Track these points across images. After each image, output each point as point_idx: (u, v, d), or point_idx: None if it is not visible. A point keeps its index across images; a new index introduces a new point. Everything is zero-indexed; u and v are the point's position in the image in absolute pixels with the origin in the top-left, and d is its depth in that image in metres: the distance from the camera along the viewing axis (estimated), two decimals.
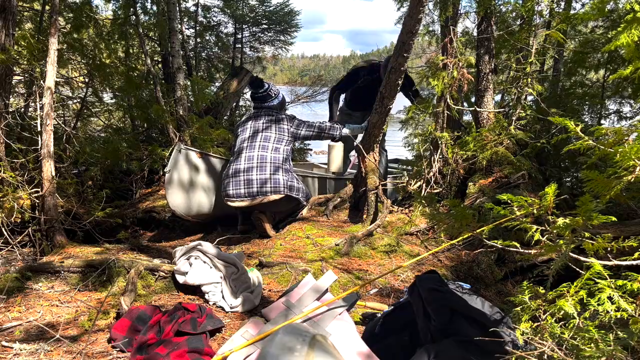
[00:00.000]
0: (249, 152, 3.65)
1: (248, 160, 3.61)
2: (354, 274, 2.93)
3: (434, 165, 4.09)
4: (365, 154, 4.06)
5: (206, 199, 3.95)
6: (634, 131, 1.50)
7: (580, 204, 1.32)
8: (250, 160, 3.61)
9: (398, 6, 5.85)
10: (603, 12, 2.91)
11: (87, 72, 5.70)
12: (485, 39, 4.50)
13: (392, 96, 3.79)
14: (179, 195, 3.80)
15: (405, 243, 3.49)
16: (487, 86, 4.60)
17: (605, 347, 1.17)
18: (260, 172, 3.56)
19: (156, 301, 2.47)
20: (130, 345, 1.97)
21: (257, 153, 3.63)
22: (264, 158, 3.61)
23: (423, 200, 3.39)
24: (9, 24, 3.76)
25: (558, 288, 1.32)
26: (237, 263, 2.65)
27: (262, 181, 3.54)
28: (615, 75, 1.56)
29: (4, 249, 3.45)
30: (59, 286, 2.55)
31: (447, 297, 1.84)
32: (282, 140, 3.75)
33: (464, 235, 1.81)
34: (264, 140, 3.70)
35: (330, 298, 2.18)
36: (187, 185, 3.83)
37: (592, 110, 5.24)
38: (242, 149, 3.70)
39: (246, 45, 9.90)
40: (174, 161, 3.75)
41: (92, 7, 5.87)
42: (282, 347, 1.51)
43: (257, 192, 3.53)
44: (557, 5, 5.15)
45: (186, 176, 3.82)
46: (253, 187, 3.53)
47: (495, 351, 1.50)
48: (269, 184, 3.55)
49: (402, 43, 3.45)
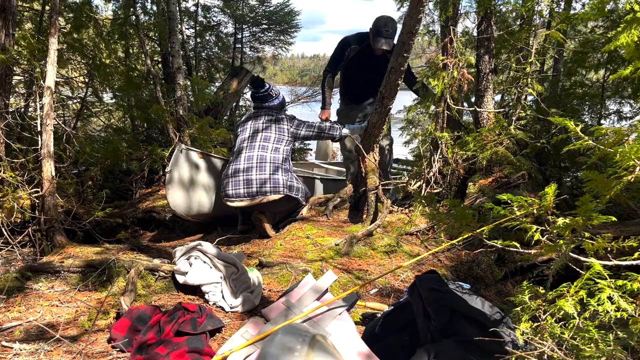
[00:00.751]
0: (249, 152, 3.65)
1: (247, 160, 3.61)
2: (354, 274, 2.93)
3: (434, 165, 4.09)
4: (365, 154, 4.06)
5: (207, 199, 3.95)
6: (634, 131, 1.50)
7: (580, 204, 1.32)
8: (250, 160, 3.61)
9: (398, 6, 5.86)
10: (603, 12, 2.91)
11: (87, 72, 5.70)
12: (485, 39, 4.50)
13: (392, 96, 3.79)
14: (179, 195, 3.80)
15: (405, 243, 3.49)
16: (487, 86, 4.60)
17: (605, 347, 1.17)
18: (260, 172, 3.56)
19: (156, 301, 2.47)
20: (130, 345, 1.97)
21: (257, 153, 3.63)
22: (263, 158, 3.61)
23: (423, 200, 3.38)
24: (9, 23, 3.76)
25: (558, 288, 1.32)
26: (237, 263, 2.65)
27: (261, 181, 3.54)
28: (615, 75, 1.56)
29: (4, 249, 3.45)
30: (59, 286, 2.55)
31: (447, 297, 1.84)
32: (282, 140, 3.74)
33: (464, 235, 1.81)
34: (263, 140, 3.70)
35: (330, 298, 2.18)
36: (188, 185, 3.83)
37: (592, 110, 5.25)
38: (242, 149, 3.70)
39: (246, 45, 9.90)
40: (175, 161, 3.75)
41: (92, 7, 5.87)
42: (282, 347, 1.51)
43: (257, 192, 3.53)
44: (557, 5, 5.15)
45: (187, 176, 3.82)
46: (252, 187, 3.53)
47: (495, 351, 1.50)
48: (268, 184, 3.54)
49: (402, 43, 3.45)
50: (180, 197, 3.81)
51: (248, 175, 3.56)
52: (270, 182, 3.55)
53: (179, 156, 3.77)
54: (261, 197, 3.54)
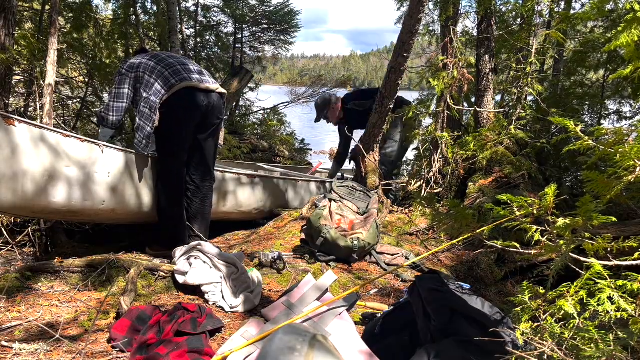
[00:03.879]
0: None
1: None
2: (354, 274, 2.93)
3: (434, 165, 4.09)
4: (365, 154, 4.06)
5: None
6: (634, 131, 1.50)
7: (581, 205, 1.32)
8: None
9: (398, 6, 5.86)
10: (603, 12, 2.92)
11: (87, 72, 5.70)
12: (485, 39, 4.50)
13: (392, 96, 3.80)
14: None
15: (405, 243, 3.49)
16: (487, 86, 4.60)
17: (605, 347, 1.17)
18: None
19: (156, 301, 2.47)
20: (130, 345, 1.97)
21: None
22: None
23: (423, 200, 3.39)
24: (9, 23, 3.76)
25: (558, 288, 1.32)
26: (237, 263, 2.65)
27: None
28: (615, 75, 1.56)
29: (4, 249, 3.45)
30: (59, 286, 2.55)
31: (447, 297, 1.84)
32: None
33: (464, 236, 1.81)
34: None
35: (330, 298, 2.18)
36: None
37: (592, 110, 5.25)
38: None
39: (246, 45, 9.91)
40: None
41: (92, 7, 5.87)
42: (282, 347, 1.51)
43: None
44: (557, 5, 5.15)
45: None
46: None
47: (495, 351, 1.50)
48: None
49: (402, 43, 3.46)
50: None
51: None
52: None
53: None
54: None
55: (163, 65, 3.12)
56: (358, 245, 2.95)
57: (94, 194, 2.93)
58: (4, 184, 2.55)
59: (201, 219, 3.37)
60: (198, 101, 3.12)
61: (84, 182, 2.87)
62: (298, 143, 10.38)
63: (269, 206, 4.25)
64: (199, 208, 3.35)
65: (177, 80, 3.07)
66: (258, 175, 4.27)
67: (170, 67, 3.11)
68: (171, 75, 3.08)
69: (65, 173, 2.78)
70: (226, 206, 3.89)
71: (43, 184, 2.69)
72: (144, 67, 3.11)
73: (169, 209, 3.23)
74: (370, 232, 3.03)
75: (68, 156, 2.78)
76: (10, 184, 2.57)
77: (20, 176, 2.59)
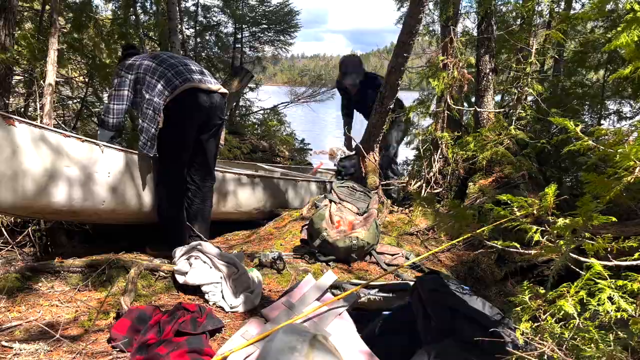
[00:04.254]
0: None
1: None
2: (354, 274, 2.93)
3: (434, 165, 4.09)
4: (365, 153, 4.06)
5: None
6: (634, 131, 1.50)
7: (581, 205, 1.32)
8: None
9: (398, 6, 5.86)
10: (603, 12, 2.92)
11: (87, 72, 5.70)
12: (485, 39, 4.50)
13: (392, 96, 3.80)
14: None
15: (405, 243, 3.49)
16: (487, 86, 4.60)
17: (605, 347, 1.17)
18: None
19: (156, 301, 2.47)
20: (130, 345, 1.97)
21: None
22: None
23: (423, 201, 3.39)
24: (9, 23, 3.76)
25: (558, 288, 1.32)
26: (237, 263, 2.65)
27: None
28: (615, 75, 1.56)
29: (4, 249, 3.45)
30: (59, 286, 2.55)
31: (447, 298, 1.84)
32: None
33: (464, 236, 1.81)
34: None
35: (330, 298, 2.18)
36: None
37: (592, 110, 5.25)
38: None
39: (246, 45, 9.91)
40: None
41: (92, 7, 5.87)
42: (283, 347, 1.51)
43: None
44: (557, 5, 5.15)
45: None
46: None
47: (495, 351, 1.50)
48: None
49: (402, 43, 3.46)
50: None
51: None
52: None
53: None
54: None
55: (165, 66, 3.11)
56: (357, 244, 2.95)
57: (94, 194, 2.92)
58: (4, 184, 2.54)
59: (201, 219, 3.37)
60: (201, 102, 3.12)
61: (84, 182, 2.86)
62: (298, 143, 10.38)
63: (269, 206, 4.25)
64: (199, 208, 3.35)
65: (180, 81, 3.06)
66: (258, 175, 4.27)
67: (173, 68, 3.10)
68: (174, 77, 3.07)
69: (66, 173, 2.77)
70: (226, 206, 3.89)
71: (43, 184, 2.69)
72: (144, 67, 3.11)
73: (169, 209, 3.23)
74: (369, 232, 3.03)
75: (68, 156, 2.78)
76: (10, 184, 2.56)
77: (20, 176, 2.58)
